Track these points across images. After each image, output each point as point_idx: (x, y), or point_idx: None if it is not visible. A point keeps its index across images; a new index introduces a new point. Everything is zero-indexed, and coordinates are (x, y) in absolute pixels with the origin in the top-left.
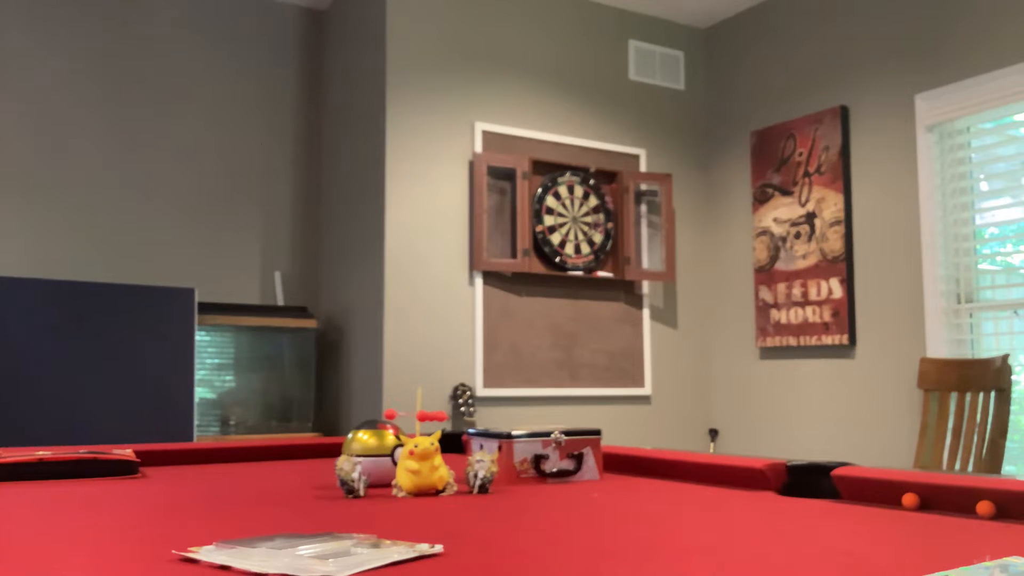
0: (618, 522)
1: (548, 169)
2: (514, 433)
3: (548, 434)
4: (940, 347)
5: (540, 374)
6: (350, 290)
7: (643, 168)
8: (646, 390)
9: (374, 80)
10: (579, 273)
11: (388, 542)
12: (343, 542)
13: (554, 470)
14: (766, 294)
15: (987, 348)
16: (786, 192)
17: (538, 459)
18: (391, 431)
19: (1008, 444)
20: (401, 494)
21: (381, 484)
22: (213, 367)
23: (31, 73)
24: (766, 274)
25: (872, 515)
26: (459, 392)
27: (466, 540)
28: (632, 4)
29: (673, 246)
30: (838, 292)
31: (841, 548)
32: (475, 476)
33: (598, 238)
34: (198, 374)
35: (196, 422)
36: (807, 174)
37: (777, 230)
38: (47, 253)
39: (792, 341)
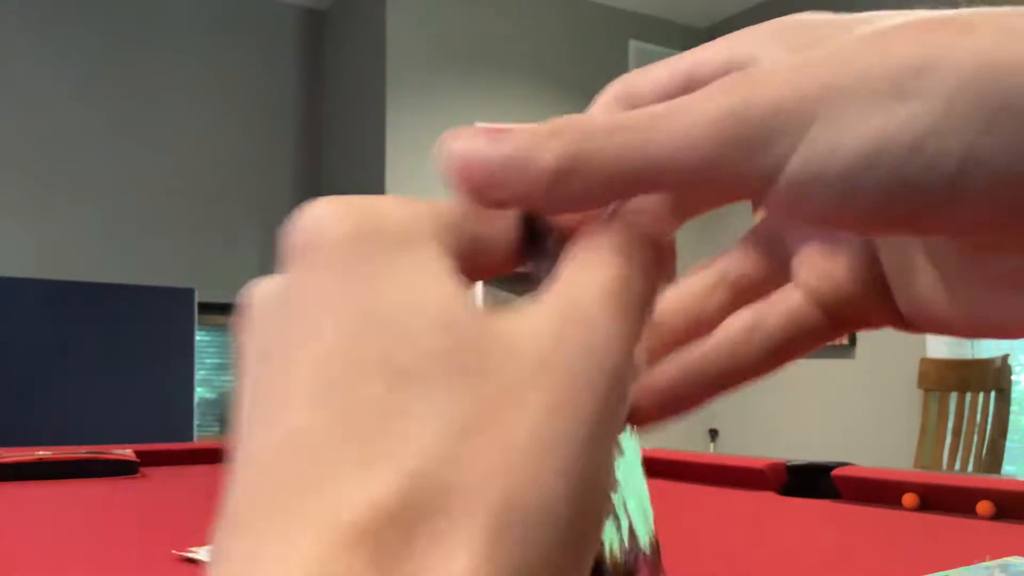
0: None
1: None
2: None
3: None
4: (940, 347)
5: None
6: None
7: None
8: None
9: (374, 80)
10: None
11: None
12: None
13: None
14: None
15: (987, 348)
16: None
17: None
18: None
19: (1008, 444)
20: None
21: None
22: (213, 367)
23: (30, 72)
24: None
25: (872, 515)
26: None
27: None
28: (632, 4)
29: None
30: None
31: (841, 548)
32: None
33: None
34: (198, 374)
35: (196, 422)
36: None
37: None
38: (46, 253)
39: None
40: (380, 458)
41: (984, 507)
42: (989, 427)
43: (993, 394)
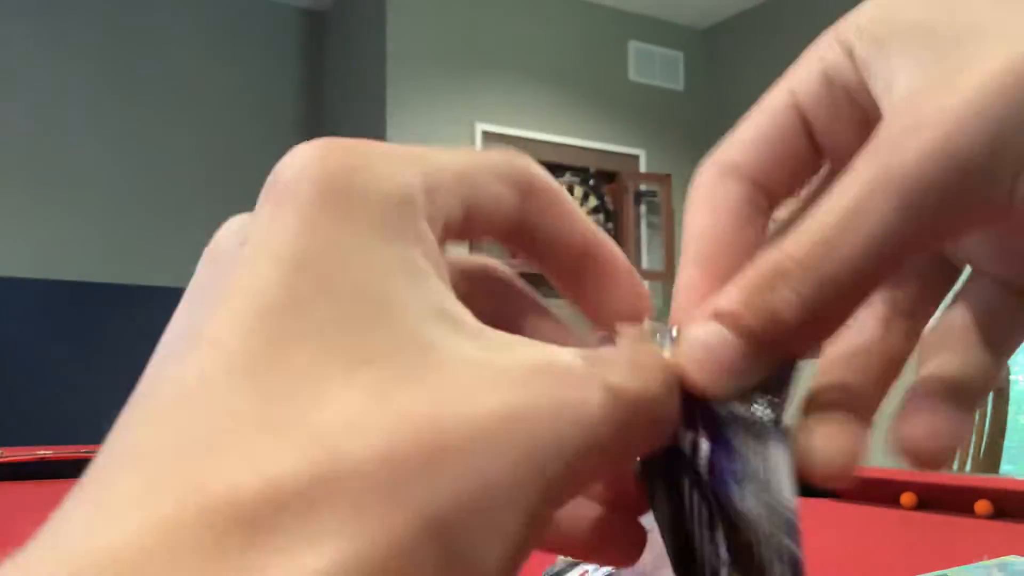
0: None
1: (548, 169)
2: None
3: None
4: None
5: None
6: None
7: (643, 168)
8: None
9: (374, 81)
10: None
11: None
12: None
13: None
14: None
15: None
16: None
17: None
18: None
19: (1006, 444)
20: None
21: None
22: None
23: (32, 72)
24: None
25: (870, 514)
26: None
27: None
28: (631, 5)
29: (673, 247)
30: None
31: (839, 547)
32: None
33: None
34: None
35: None
36: None
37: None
38: (49, 253)
39: None
40: (281, 435)
41: (982, 506)
42: (987, 426)
43: (991, 394)
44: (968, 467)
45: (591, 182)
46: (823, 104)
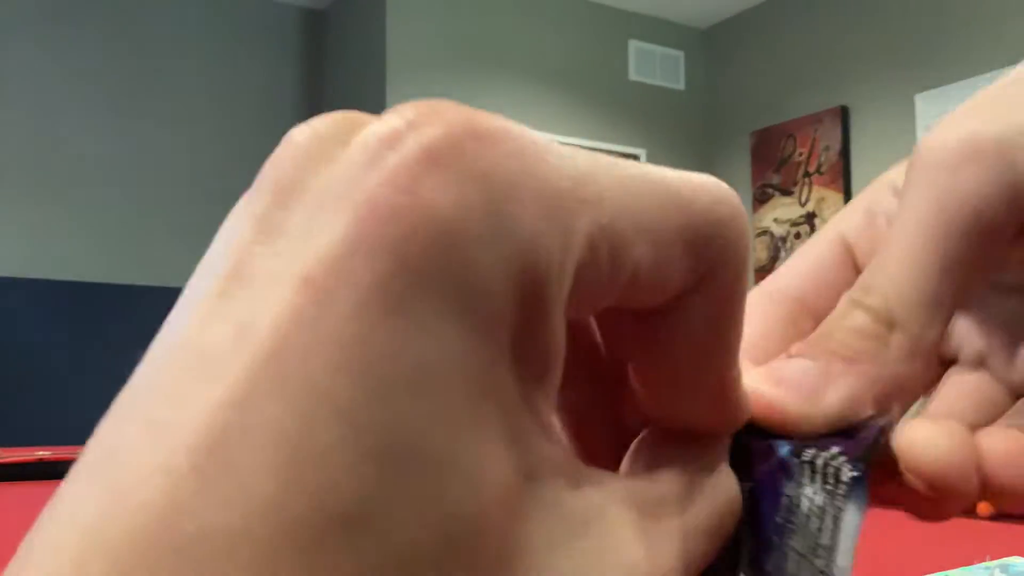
0: None
1: None
2: None
3: None
4: None
5: None
6: None
7: None
8: None
9: (374, 80)
10: None
11: None
12: None
13: None
14: None
15: None
16: (786, 192)
17: None
18: None
19: None
20: None
21: None
22: None
23: (31, 72)
24: (767, 274)
25: (872, 514)
26: None
27: None
28: (632, 4)
29: None
30: None
31: None
32: None
33: None
34: None
35: None
36: (807, 174)
37: (777, 230)
38: (47, 253)
39: None
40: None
41: (984, 507)
42: None
43: None
44: None
45: None
46: (864, 234)
